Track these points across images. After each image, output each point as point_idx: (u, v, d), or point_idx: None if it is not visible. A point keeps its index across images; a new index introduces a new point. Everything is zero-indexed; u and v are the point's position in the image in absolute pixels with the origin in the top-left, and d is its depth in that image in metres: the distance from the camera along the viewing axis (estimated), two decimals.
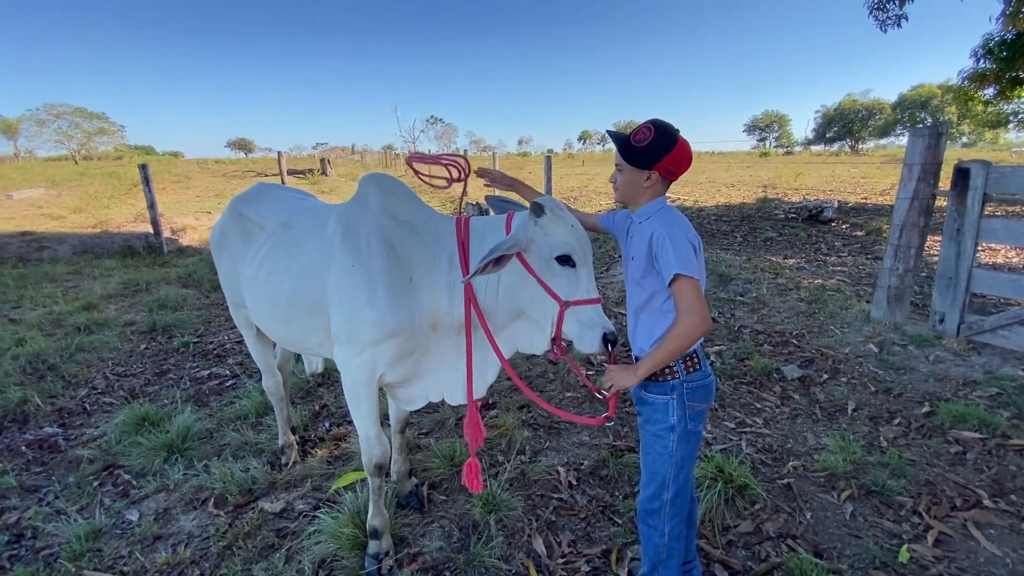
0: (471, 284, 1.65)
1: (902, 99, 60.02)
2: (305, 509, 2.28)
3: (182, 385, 3.69)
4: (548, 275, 1.55)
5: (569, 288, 1.54)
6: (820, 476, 2.40)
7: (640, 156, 1.48)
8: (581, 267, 1.54)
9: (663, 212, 1.52)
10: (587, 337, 1.51)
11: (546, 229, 1.54)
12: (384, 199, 1.77)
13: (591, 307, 1.53)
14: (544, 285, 1.55)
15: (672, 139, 1.45)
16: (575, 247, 1.53)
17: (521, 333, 1.70)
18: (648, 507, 1.57)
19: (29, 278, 6.45)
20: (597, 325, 1.51)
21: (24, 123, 51.60)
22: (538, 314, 1.60)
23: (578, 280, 1.54)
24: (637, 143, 1.47)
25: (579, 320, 1.53)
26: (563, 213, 1.57)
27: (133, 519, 2.33)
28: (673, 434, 1.50)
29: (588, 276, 1.56)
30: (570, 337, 1.57)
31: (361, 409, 1.78)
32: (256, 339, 2.45)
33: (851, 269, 5.97)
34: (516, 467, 2.48)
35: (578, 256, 1.54)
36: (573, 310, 1.53)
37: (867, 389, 3.17)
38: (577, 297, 1.53)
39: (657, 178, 1.49)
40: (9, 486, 2.58)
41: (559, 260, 1.53)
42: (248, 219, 2.14)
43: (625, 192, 1.56)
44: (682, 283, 1.38)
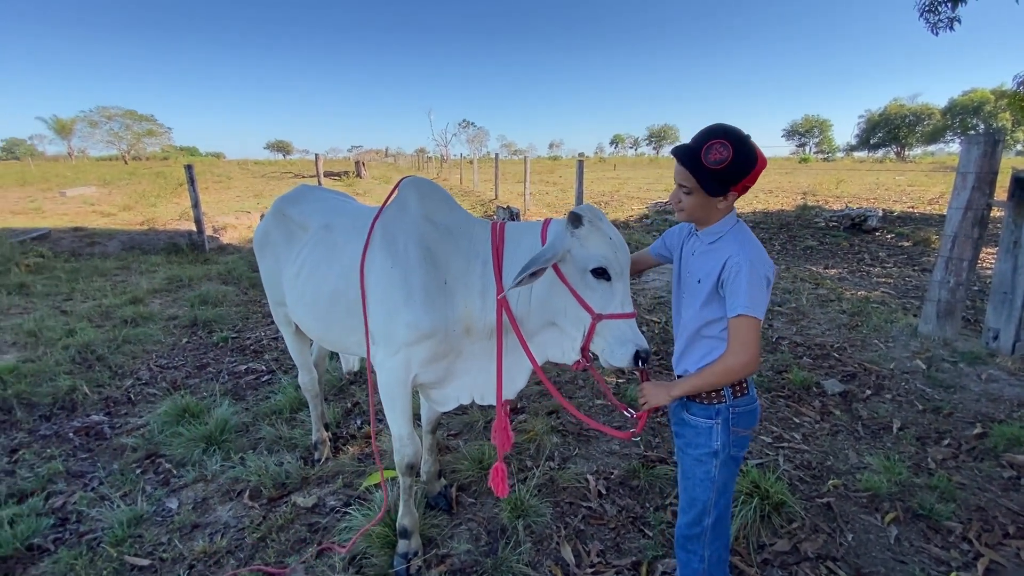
0: (503, 288, 1.64)
1: (952, 104, 57.48)
2: (336, 505, 2.32)
3: (220, 379, 3.80)
4: (582, 287, 1.52)
5: (603, 301, 1.50)
6: (863, 496, 2.30)
7: (717, 180, 1.31)
8: (617, 281, 1.51)
9: (736, 232, 1.40)
10: (618, 352, 1.48)
11: (583, 240, 1.51)
12: (422, 203, 1.78)
13: (624, 321, 1.49)
14: (577, 296, 1.52)
15: (752, 156, 1.30)
16: (611, 260, 1.49)
17: (552, 341, 1.68)
18: (688, 533, 1.52)
19: (80, 272, 6.77)
20: (630, 341, 1.47)
21: (78, 124, 54.38)
22: (569, 324, 1.58)
23: (613, 294, 1.50)
24: (713, 164, 1.30)
25: (611, 334, 1.49)
26: (602, 224, 1.53)
27: (173, 507, 2.40)
28: (716, 460, 1.45)
29: (624, 290, 1.52)
30: (600, 350, 1.53)
31: (395, 408, 1.80)
32: (294, 337, 2.51)
33: (896, 281, 5.73)
34: (545, 473, 2.46)
35: (614, 270, 1.50)
36: (606, 323, 1.49)
37: (914, 407, 3.03)
38: (611, 311, 1.50)
39: (733, 199, 1.38)
40: (56, 471, 2.70)
41: (594, 273, 1.50)
42: (291, 220, 2.20)
43: (696, 215, 1.42)
44: (744, 321, 1.30)
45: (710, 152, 1.29)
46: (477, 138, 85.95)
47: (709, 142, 1.30)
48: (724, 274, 1.34)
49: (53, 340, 4.39)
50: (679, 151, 1.37)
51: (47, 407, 3.38)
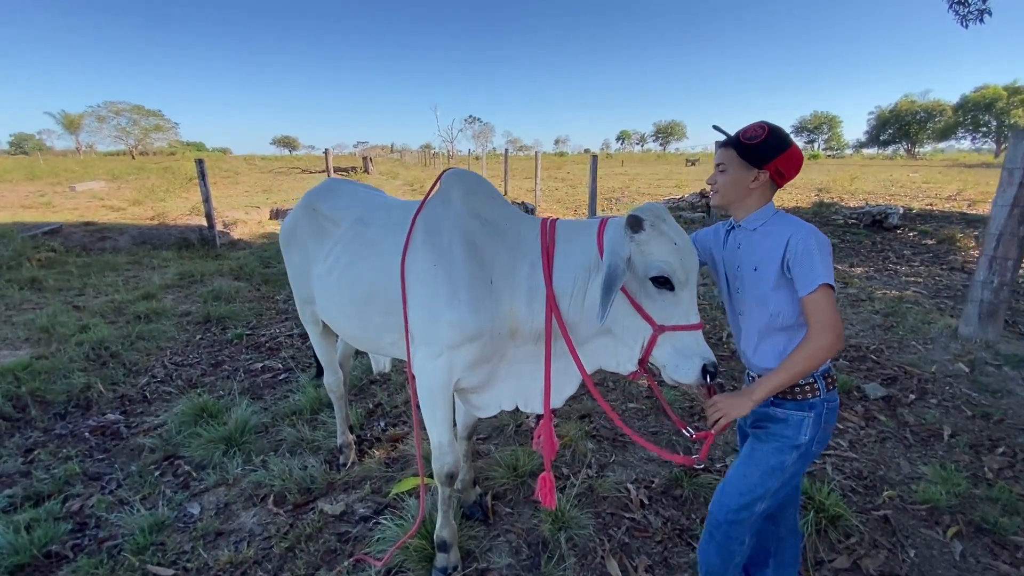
0: (553, 292, 1.51)
1: (965, 101, 56.71)
2: (366, 513, 2.22)
3: (237, 377, 3.71)
4: (642, 295, 1.39)
5: (665, 311, 1.37)
6: (921, 509, 2.18)
7: (752, 153, 1.39)
8: (681, 289, 1.36)
9: (783, 216, 1.43)
10: (683, 367, 1.34)
11: (643, 246, 1.37)
12: (467, 197, 1.67)
13: (689, 333, 1.36)
14: (637, 306, 1.39)
15: (785, 140, 1.40)
16: (676, 268, 1.35)
17: (606, 349, 1.53)
18: (734, 518, 1.45)
19: (92, 267, 6.70)
20: (696, 354, 1.34)
21: (86, 119, 54.60)
22: (626, 335, 1.44)
23: (677, 303, 1.36)
24: (748, 140, 1.40)
25: (675, 347, 1.36)
26: (665, 227, 1.37)
27: (195, 512, 2.31)
28: (796, 452, 1.40)
29: (689, 299, 1.38)
30: (662, 363, 1.39)
31: (436, 414, 1.69)
32: (321, 336, 2.41)
33: (926, 280, 5.58)
34: (583, 482, 2.35)
35: (678, 278, 1.35)
36: (669, 335, 1.36)
37: (962, 413, 2.89)
38: (674, 322, 1.36)
39: (766, 179, 1.41)
40: (73, 472, 2.61)
41: (655, 281, 1.36)
42: (321, 214, 2.09)
43: (728, 193, 1.45)
44: (823, 294, 1.27)
45: (747, 130, 1.42)
46: (483, 134, 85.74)
47: (749, 125, 1.43)
48: (789, 253, 1.33)
49: (66, 336, 4.32)
50: (721, 140, 1.48)
51: (62, 405, 3.30)
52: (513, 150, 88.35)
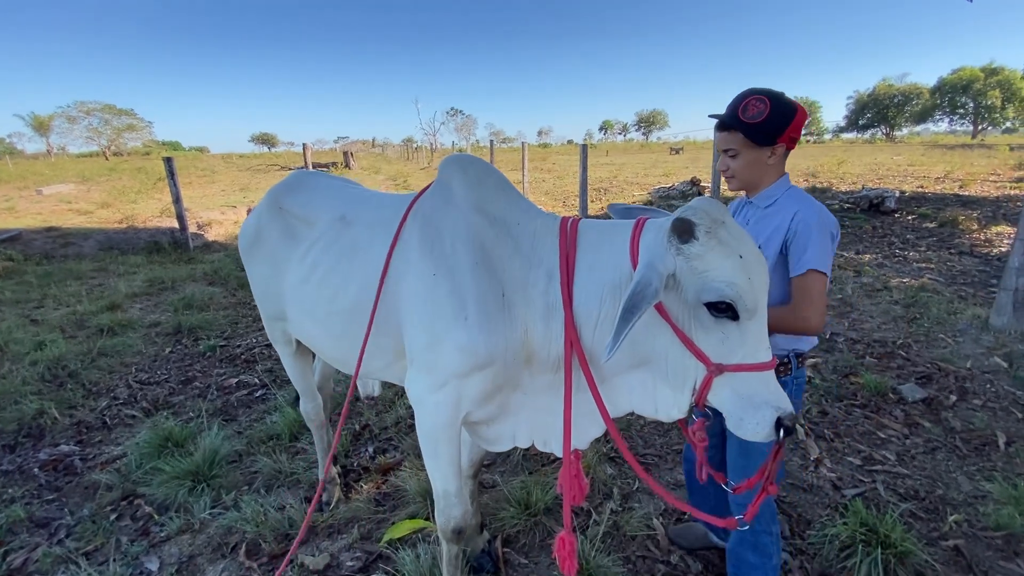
0: (572, 315, 1.18)
1: (942, 83, 57.27)
2: (355, 566, 1.88)
3: (209, 395, 3.36)
4: (694, 325, 1.06)
5: (725, 347, 1.03)
6: (995, 537, 1.91)
7: (761, 132, 1.32)
8: (748, 319, 1.02)
9: (794, 193, 1.39)
10: (749, 422, 1.02)
11: (696, 261, 1.02)
12: (472, 190, 1.33)
13: (757, 375, 1.02)
14: (685, 339, 1.06)
15: (791, 106, 1.33)
16: (742, 291, 1.00)
17: (643, 389, 1.19)
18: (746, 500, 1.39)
19: (53, 275, 6.24)
20: (767, 403, 1.01)
21: (56, 120, 52.89)
22: (672, 374, 1.11)
23: (743, 337, 1.02)
24: (753, 119, 1.32)
25: (738, 393, 1.03)
26: (725, 234, 1.02)
27: (153, 569, 1.97)
28: None
29: (759, 330, 1.04)
30: (721, 410, 1.08)
31: (440, 458, 1.36)
32: (294, 358, 2.04)
33: (938, 266, 5.35)
34: (608, 519, 2.03)
35: (745, 304, 1.00)
36: (729, 377, 1.04)
37: (1011, 415, 2.64)
38: (737, 360, 1.03)
39: (782, 151, 1.38)
40: (17, 518, 2.26)
41: (713, 308, 1.02)
42: (291, 213, 1.73)
43: (746, 177, 1.41)
44: (812, 279, 1.28)
45: (747, 109, 1.32)
46: (466, 126, 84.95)
47: (745, 101, 1.33)
48: (790, 232, 1.31)
49: (20, 355, 3.92)
50: (721, 122, 1.37)
51: (11, 435, 2.96)
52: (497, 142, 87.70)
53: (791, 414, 1.00)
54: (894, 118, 63.46)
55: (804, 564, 1.82)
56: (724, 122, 1.37)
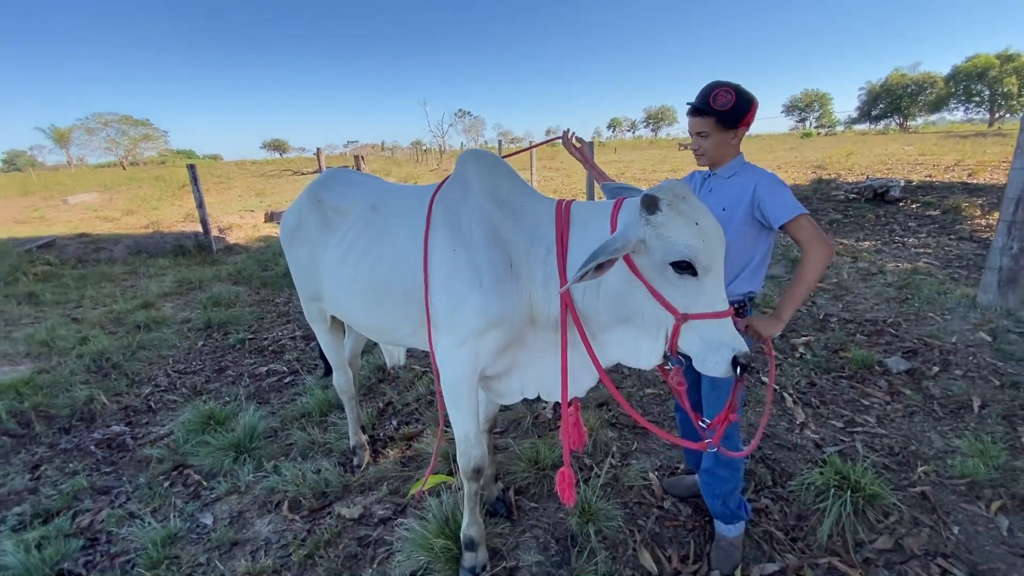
0: (567, 279, 1.43)
1: (956, 71, 56.32)
2: (385, 515, 2.14)
3: (242, 382, 3.63)
4: (662, 283, 1.28)
5: (688, 299, 1.26)
6: (960, 484, 2.11)
7: (728, 117, 1.59)
8: (706, 275, 1.25)
9: (750, 166, 1.67)
10: (710, 359, 1.25)
11: (662, 228, 1.24)
12: (484, 179, 1.59)
13: (717, 322, 1.25)
14: (656, 294, 1.28)
15: (749, 96, 1.59)
16: (697, 251, 1.23)
17: (625, 341, 1.42)
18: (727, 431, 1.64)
19: (89, 278, 6.61)
20: (725, 345, 1.24)
21: (75, 132, 54.17)
22: (648, 325, 1.34)
23: (701, 290, 1.25)
24: (722, 107, 1.57)
25: (701, 337, 1.26)
26: (684, 206, 1.26)
27: (208, 523, 2.24)
28: None
29: (715, 284, 1.26)
30: (689, 354, 1.30)
31: (461, 406, 1.61)
32: (329, 334, 2.32)
33: (936, 251, 5.49)
34: (608, 472, 2.27)
35: (701, 262, 1.23)
36: (693, 324, 1.26)
37: (989, 383, 2.82)
38: (698, 309, 1.26)
39: (742, 133, 1.65)
40: (81, 487, 2.54)
41: (676, 267, 1.25)
42: (327, 205, 2.00)
43: (714, 154, 1.67)
44: (804, 219, 1.49)
45: (717, 98, 1.58)
46: (474, 127, 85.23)
47: (714, 92, 1.58)
48: (758, 196, 1.56)
49: (66, 349, 4.24)
50: (694, 109, 1.63)
51: (66, 419, 3.23)
52: (505, 142, 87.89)
53: (745, 352, 1.23)
54: (907, 108, 62.49)
55: (784, 508, 2.04)
56: (698, 108, 1.62)
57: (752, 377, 3.10)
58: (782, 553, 1.84)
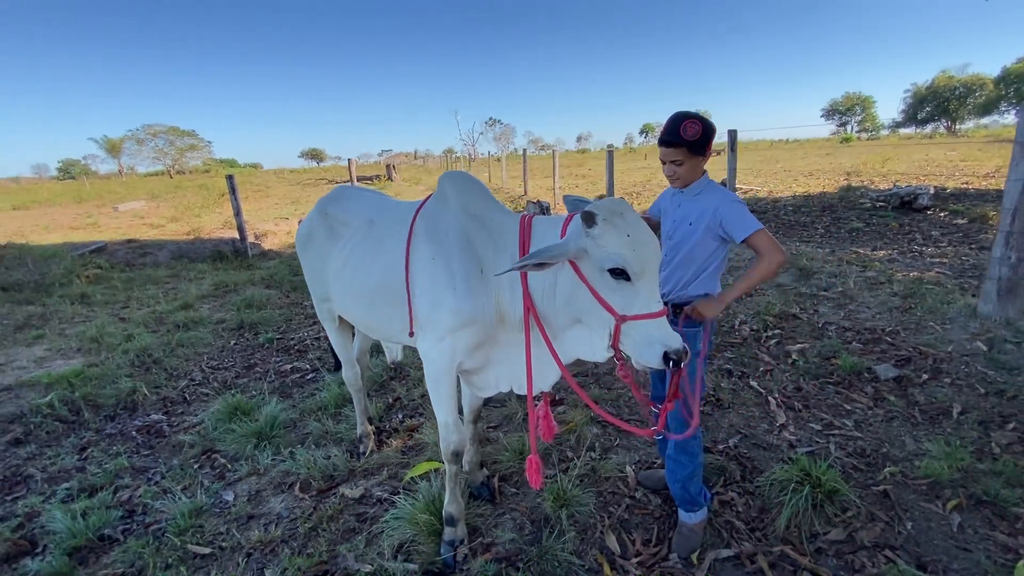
0: (527, 287, 1.62)
1: (1006, 73, 53.74)
2: (383, 495, 2.38)
3: (268, 378, 3.94)
4: (602, 286, 1.46)
5: (625, 301, 1.43)
6: (922, 484, 2.20)
7: (698, 145, 1.78)
8: (638, 280, 1.41)
9: (712, 185, 1.87)
10: (645, 354, 1.41)
11: (598, 240, 1.42)
12: (460, 196, 1.81)
13: (652, 322, 1.41)
14: (598, 297, 1.46)
15: (712, 126, 1.79)
16: (628, 260, 1.39)
17: (581, 339, 1.62)
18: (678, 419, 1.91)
19: (135, 281, 7.14)
20: (657, 341, 1.40)
21: (126, 142, 57.22)
22: (595, 324, 1.52)
23: (636, 293, 1.42)
24: (692, 137, 1.76)
25: (638, 335, 1.42)
26: (619, 220, 1.42)
27: (229, 499, 2.51)
28: (697, 359, 1.82)
29: (648, 289, 1.43)
30: (628, 351, 1.47)
31: (441, 396, 1.83)
32: (338, 332, 2.60)
33: (952, 260, 5.43)
34: (586, 463, 2.46)
35: (632, 269, 1.40)
36: (632, 324, 1.43)
37: (975, 391, 2.87)
38: (635, 311, 1.42)
39: (708, 157, 1.84)
40: (122, 467, 2.86)
41: (612, 273, 1.42)
42: (334, 218, 2.28)
43: (688, 178, 1.86)
44: (761, 234, 1.72)
45: (687, 130, 1.76)
46: (504, 135, 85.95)
47: (683, 124, 1.76)
48: (720, 214, 1.77)
49: (114, 345, 4.65)
50: (666, 141, 1.80)
51: (111, 408, 3.58)
52: (535, 149, 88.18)
53: (676, 349, 1.39)
54: (956, 111, 59.95)
55: (748, 502, 2.18)
56: (670, 141, 1.79)
57: (740, 381, 3.22)
58: (740, 541, 1.98)
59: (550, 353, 1.63)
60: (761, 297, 4.62)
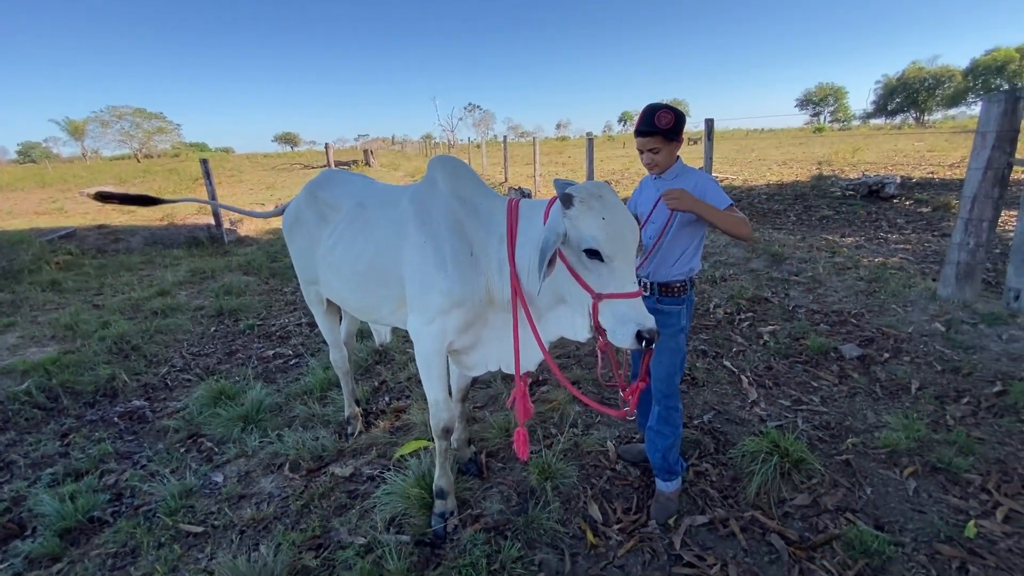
0: (515, 267, 1.68)
1: (975, 65, 55.27)
2: (373, 473, 2.44)
3: (251, 364, 3.94)
4: (580, 267, 1.52)
5: (601, 281, 1.49)
6: (881, 453, 2.36)
7: (672, 132, 1.89)
8: (612, 260, 1.47)
9: (688, 169, 2.00)
10: (619, 332, 1.47)
11: (575, 221, 1.48)
12: (450, 179, 1.86)
13: (626, 301, 1.47)
14: (577, 277, 1.52)
15: (682, 113, 1.90)
16: (602, 241, 1.45)
17: (564, 318, 1.69)
18: (668, 390, 2.04)
19: (108, 267, 6.98)
20: (631, 321, 1.45)
21: (90, 125, 54.93)
22: (575, 303, 1.59)
23: (611, 273, 1.48)
24: (666, 126, 1.87)
25: (613, 314, 1.48)
26: (596, 203, 1.49)
27: (219, 481, 2.54)
28: (682, 333, 1.99)
29: (624, 269, 1.49)
30: (606, 329, 1.51)
31: (431, 375, 1.89)
32: (325, 315, 2.63)
33: (915, 247, 5.68)
34: (569, 439, 2.56)
35: (606, 251, 1.46)
36: (608, 303, 1.49)
37: (933, 368, 3.06)
38: (610, 291, 1.48)
39: (681, 143, 1.95)
40: (107, 452, 2.85)
41: (587, 253, 1.48)
42: (324, 201, 2.30)
43: (664, 164, 1.96)
44: (732, 209, 1.84)
45: (661, 119, 1.86)
46: (483, 121, 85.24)
47: (657, 113, 1.86)
48: (701, 189, 1.87)
49: (89, 332, 4.57)
50: (642, 131, 1.90)
51: (90, 395, 3.55)
52: (515, 136, 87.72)
53: (648, 328, 1.46)
54: (924, 102, 61.50)
55: (721, 472, 2.31)
56: (647, 131, 1.89)
57: (714, 361, 3.36)
58: (713, 508, 2.10)
59: (533, 335, 1.70)
60: (735, 282, 4.78)
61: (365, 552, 1.96)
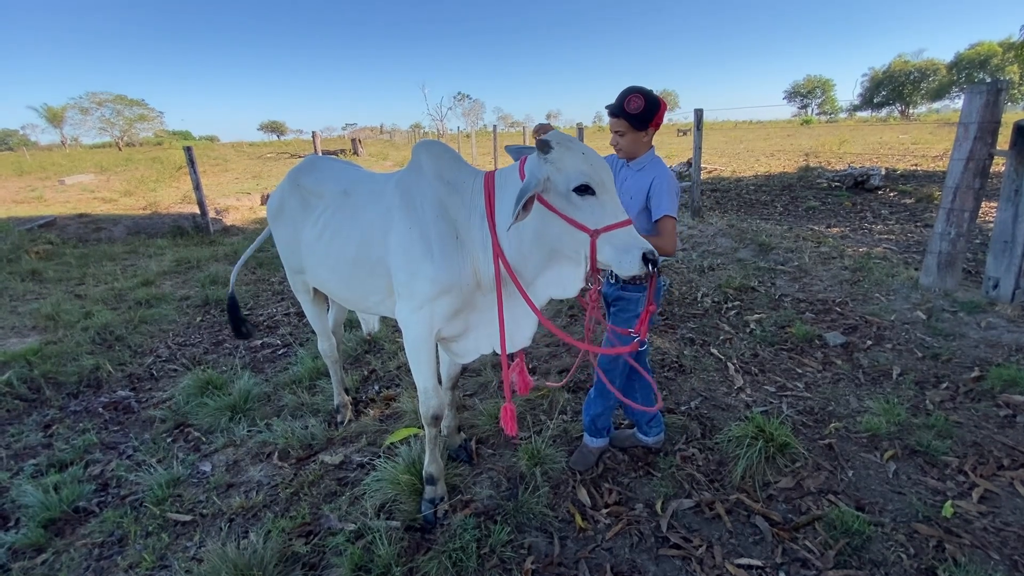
0: (498, 240, 1.68)
1: (959, 58, 55.86)
2: (363, 461, 2.44)
3: (238, 354, 3.90)
4: (571, 209, 1.53)
5: (595, 216, 1.51)
6: (863, 437, 2.41)
7: (638, 119, 1.85)
8: (602, 193, 1.51)
9: (656, 163, 1.96)
10: (626, 260, 1.48)
11: (557, 164, 1.51)
12: (434, 163, 1.83)
13: (623, 230, 1.50)
14: (569, 219, 1.53)
15: (657, 101, 1.86)
16: (591, 174, 1.50)
17: (554, 278, 1.69)
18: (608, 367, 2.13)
19: (90, 257, 6.85)
20: (633, 247, 1.48)
21: (69, 111, 53.48)
22: (570, 250, 1.58)
23: (602, 206, 1.51)
24: (633, 111, 1.83)
25: (613, 245, 1.50)
26: (571, 143, 1.53)
27: (207, 470, 2.53)
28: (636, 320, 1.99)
29: (612, 201, 1.52)
30: (608, 265, 1.53)
31: (420, 362, 1.88)
32: (312, 304, 2.60)
33: (899, 237, 5.77)
34: (559, 426, 2.58)
35: (596, 182, 1.50)
36: (605, 237, 1.50)
37: (913, 355, 3.12)
38: (606, 223, 1.50)
39: (652, 133, 1.92)
40: (91, 443, 2.82)
41: (578, 191, 1.50)
42: (306, 189, 2.25)
43: (629, 150, 1.94)
44: (668, 221, 1.86)
45: (630, 104, 1.83)
46: (473, 111, 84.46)
47: (628, 97, 1.84)
48: (651, 190, 1.87)
49: (72, 323, 4.50)
50: (612, 111, 1.88)
51: (74, 385, 3.50)
52: (504, 126, 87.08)
53: (651, 250, 1.49)
54: (910, 95, 62.11)
55: (708, 457, 2.35)
56: (615, 112, 1.87)
57: (702, 349, 3.40)
58: (700, 491, 2.14)
59: (525, 302, 1.69)
60: (722, 271, 4.82)
61: (355, 538, 1.96)
